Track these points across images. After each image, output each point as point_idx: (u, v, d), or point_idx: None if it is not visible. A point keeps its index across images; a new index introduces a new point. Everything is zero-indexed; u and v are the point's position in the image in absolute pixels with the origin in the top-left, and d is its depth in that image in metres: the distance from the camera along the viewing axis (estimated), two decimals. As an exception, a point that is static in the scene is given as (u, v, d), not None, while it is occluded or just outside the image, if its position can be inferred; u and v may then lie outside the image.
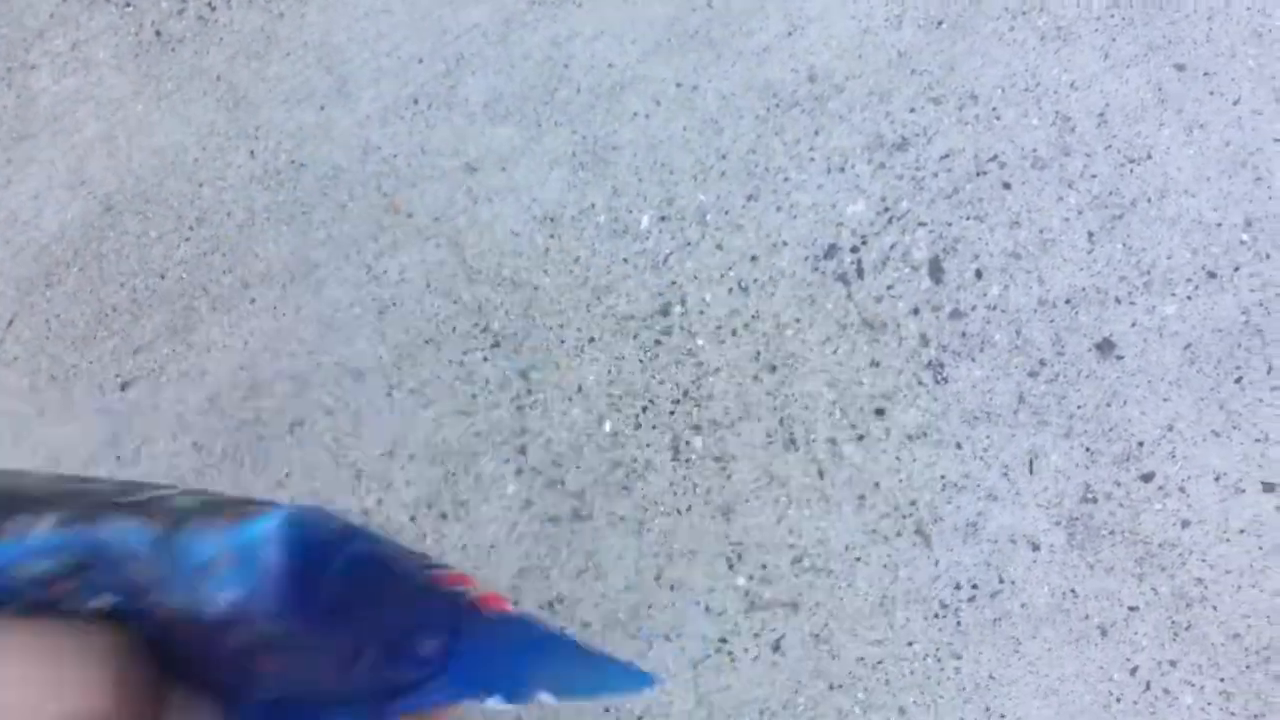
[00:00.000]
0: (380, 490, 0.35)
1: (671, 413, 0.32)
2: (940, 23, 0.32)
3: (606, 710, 0.31)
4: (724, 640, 0.30)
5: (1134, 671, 0.29)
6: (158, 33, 0.43)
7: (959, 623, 0.29)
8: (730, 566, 0.31)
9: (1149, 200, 0.29)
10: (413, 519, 0.33)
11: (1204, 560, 0.29)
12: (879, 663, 0.30)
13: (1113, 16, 0.31)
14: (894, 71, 0.32)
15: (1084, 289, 0.30)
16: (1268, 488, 0.28)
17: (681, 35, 0.33)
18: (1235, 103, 0.30)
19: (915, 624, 0.30)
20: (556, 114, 0.34)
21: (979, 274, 0.31)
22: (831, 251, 0.31)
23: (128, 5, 0.46)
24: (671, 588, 0.31)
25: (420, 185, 0.35)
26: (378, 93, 0.37)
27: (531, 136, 0.34)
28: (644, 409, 0.32)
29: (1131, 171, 0.30)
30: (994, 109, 0.32)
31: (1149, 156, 0.30)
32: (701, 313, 0.32)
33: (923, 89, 0.32)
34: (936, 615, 0.30)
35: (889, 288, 0.31)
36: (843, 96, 0.32)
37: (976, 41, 0.32)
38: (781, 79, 0.33)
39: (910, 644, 0.30)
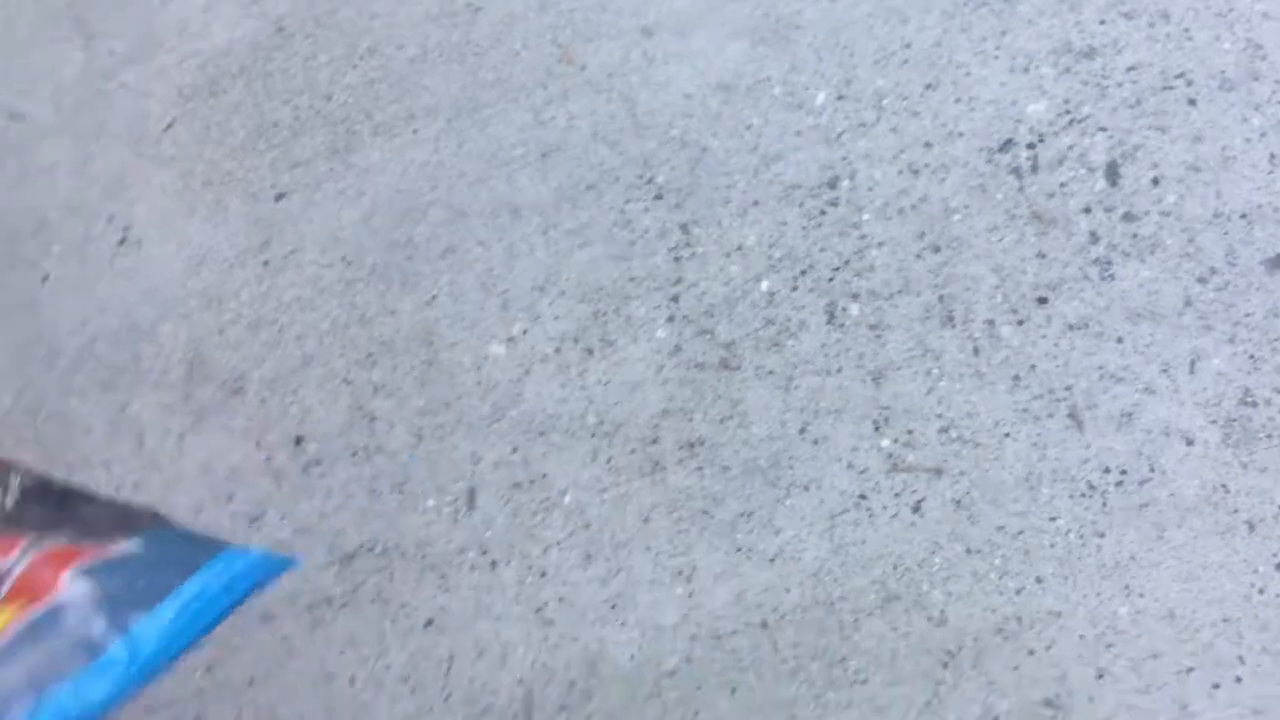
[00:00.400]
0: (527, 321, 0.37)
1: (830, 279, 0.34)
2: (1136, -56, 0.35)
3: (738, 549, 0.33)
4: (863, 497, 0.32)
5: (1279, 567, 0.30)
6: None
7: (1105, 504, 0.31)
8: (876, 429, 0.33)
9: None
10: (557, 351, 0.35)
11: None
12: (1019, 533, 0.32)
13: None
14: (1086, -15, 0.35)
15: (1260, 206, 0.33)
16: None
17: (876, -70, 0.36)
18: None
19: (1060, 501, 0.31)
20: (743, -10, 0.37)
21: (1155, 181, 0.33)
22: (1007, 146, 0.34)
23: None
24: (815, 442, 0.33)
25: (596, 41, 0.38)
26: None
27: (713, 6, 0.37)
28: (802, 273, 0.34)
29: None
30: (1185, 29, 0.34)
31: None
32: (870, 190, 0.35)
33: (1114, 2, 0.35)
34: (1083, 495, 0.31)
35: (1062, 185, 0.34)
36: (1032, 2, 0.35)
37: (1171, -36, 0.34)
38: (972, -20, 0.36)
39: (1053, 519, 0.31)
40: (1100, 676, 0.30)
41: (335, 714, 0.34)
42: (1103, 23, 0.34)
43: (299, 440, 0.36)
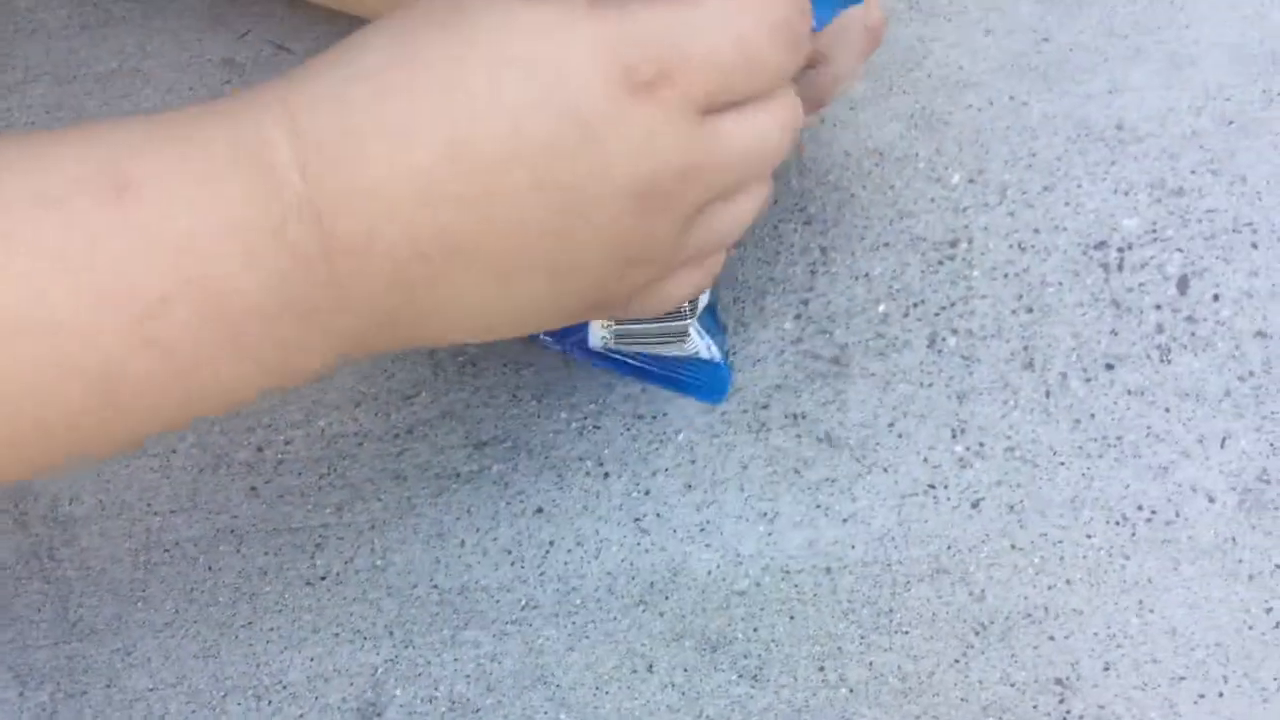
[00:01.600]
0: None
1: (936, 314, 0.49)
2: (1231, 122, 0.52)
3: (818, 506, 0.46)
4: (931, 486, 0.45)
5: (1269, 612, 0.43)
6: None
7: (1134, 533, 0.44)
8: (953, 436, 0.46)
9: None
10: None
11: None
12: (1059, 542, 0.44)
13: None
14: (1185, 142, 0.51)
15: None
16: None
17: (1023, 65, 0.54)
18: None
19: (1097, 524, 0.44)
20: (906, 85, 0.54)
21: (1216, 298, 0.48)
22: (1101, 245, 0.49)
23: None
24: (899, 436, 0.46)
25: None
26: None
27: (881, 94, 0.54)
28: (914, 305, 0.49)
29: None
30: (1258, 191, 0.50)
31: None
32: (982, 254, 0.50)
33: (1205, 161, 0.51)
34: (1117, 523, 0.44)
35: (1140, 284, 0.49)
36: (1140, 145, 0.52)
37: (1259, 142, 0.51)
38: (1094, 119, 0.52)
39: (1089, 536, 0.44)
40: (1106, 669, 0.42)
41: (441, 567, 0.46)
42: (1193, 173, 0.50)
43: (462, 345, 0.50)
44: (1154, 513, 0.43)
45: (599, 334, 0.37)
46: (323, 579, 0.44)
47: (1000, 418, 0.44)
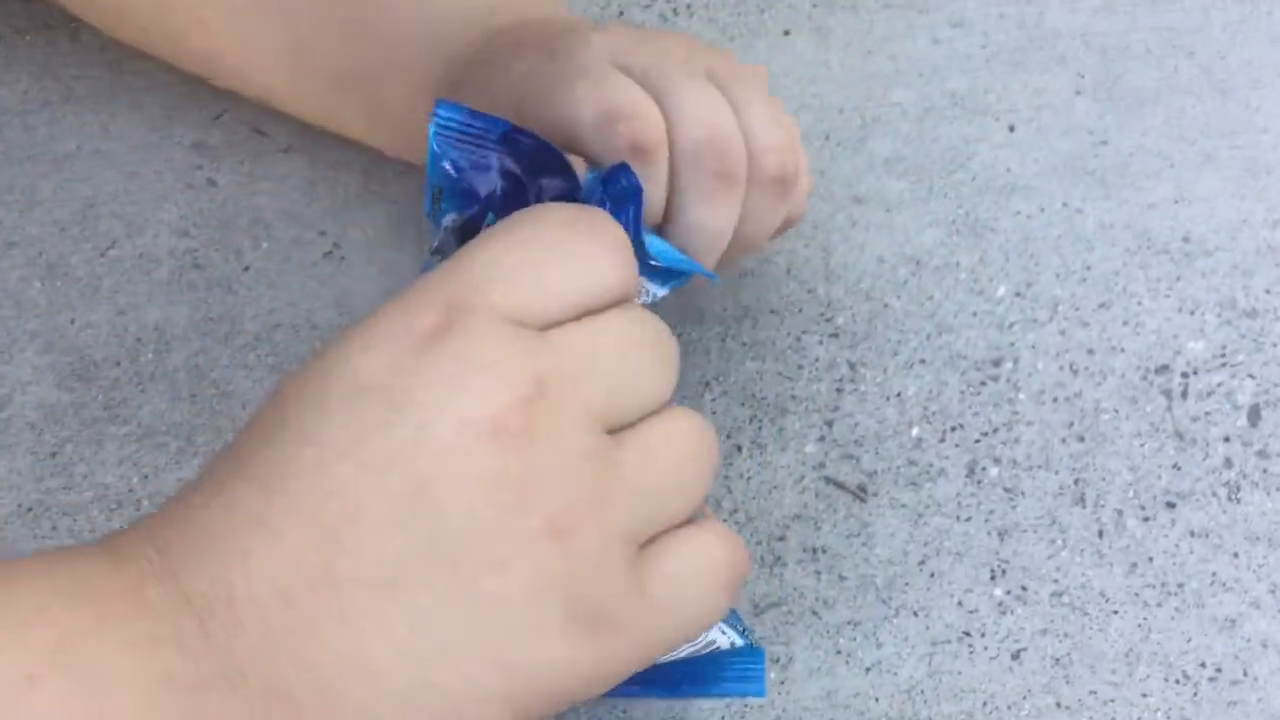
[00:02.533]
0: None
1: (977, 441, 0.52)
2: (1311, 236, 0.56)
3: (838, 652, 0.48)
4: (968, 634, 0.48)
5: None
6: None
7: (1195, 693, 0.46)
8: (992, 578, 0.49)
9: None
10: None
11: None
12: (1110, 701, 0.47)
13: None
14: (1260, 258, 0.55)
15: None
16: None
17: (1079, 169, 0.58)
18: None
19: (1154, 681, 0.47)
20: (948, 188, 0.58)
21: (1292, 430, 0.51)
22: (1163, 370, 0.53)
23: None
24: (931, 575, 0.49)
25: (811, 199, 0.59)
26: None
27: (920, 197, 0.58)
28: (953, 429, 0.52)
29: None
30: (1341, 314, 0.54)
31: None
32: (1030, 375, 0.53)
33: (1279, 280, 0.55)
34: (1177, 681, 0.46)
35: (1206, 413, 0.52)
36: (1209, 260, 0.55)
37: (1339, 258, 0.54)
38: (1158, 230, 0.56)
39: (1145, 695, 0.46)
40: None
41: None
42: (1268, 292, 0.54)
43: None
44: (1219, 670, 0.45)
45: None
46: None
47: (1046, 558, 0.47)
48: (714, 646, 0.41)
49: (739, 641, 0.42)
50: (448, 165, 0.31)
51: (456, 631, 0.24)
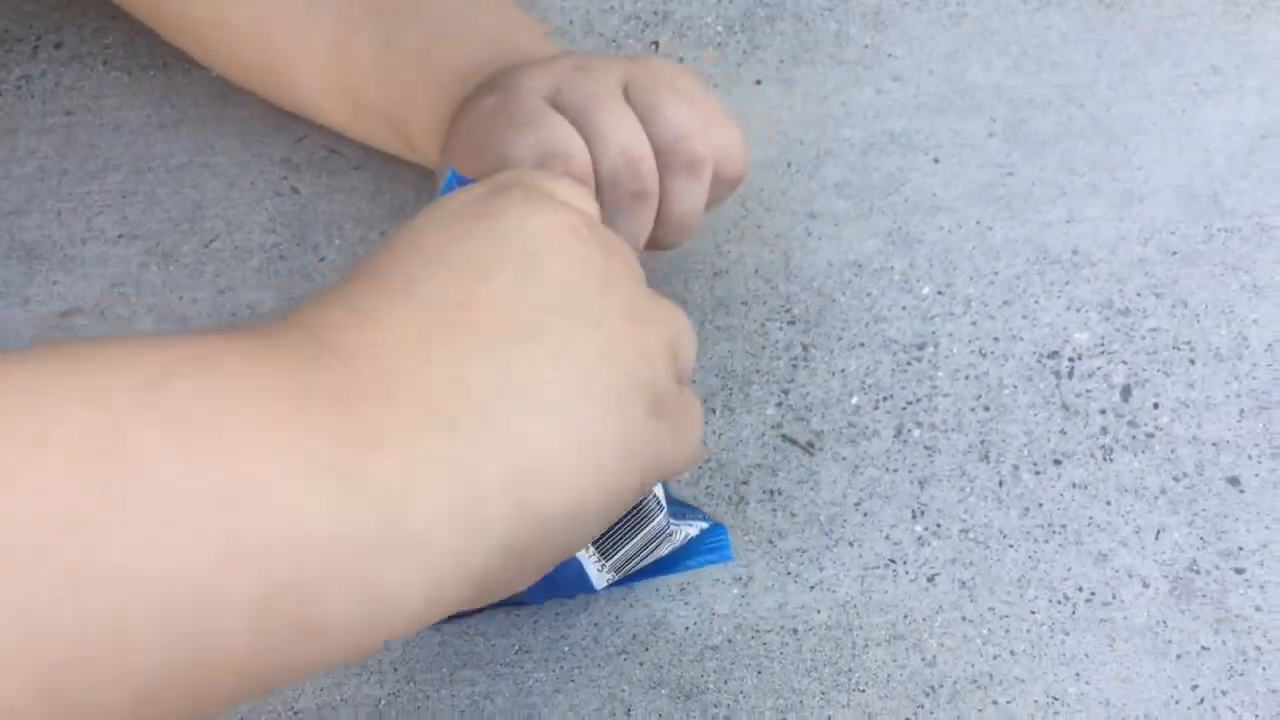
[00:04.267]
0: None
1: (903, 408, 0.52)
2: (1175, 252, 0.56)
3: (788, 573, 0.49)
4: (892, 561, 0.48)
5: (1194, 689, 0.45)
6: None
7: (1074, 612, 0.47)
8: (913, 517, 0.49)
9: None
10: None
11: (1265, 636, 0.46)
12: (1005, 616, 0.47)
13: None
14: (1133, 268, 0.56)
15: (1228, 441, 0.50)
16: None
17: (990, 195, 0.58)
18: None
19: (1040, 601, 0.47)
20: (885, 207, 0.58)
21: (1155, 405, 0.52)
22: (1054, 355, 0.53)
23: None
24: (864, 514, 0.50)
25: (773, 212, 0.59)
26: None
27: (863, 214, 0.58)
28: (884, 399, 0.52)
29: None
30: (1196, 315, 0.54)
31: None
32: (946, 358, 0.54)
33: (1150, 286, 0.55)
34: (1059, 602, 0.47)
35: (1088, 390, 0.52)
36: (1093, 269, 0.56)
37: (1199, 270, 0.55)
38: (1052, 244, 0.56)
39: (1032, 612, 0.47)
40: (1044, 734, 0.44)
41: None
42: (1139, 295, 0.54)
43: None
44: (1093, 594, 0.46)
45: (601, 579, 0.39)
46: (337, 617, 0.47)
47: (957, 503, 0.48)
48: (687, 538, 0.40)
49: (704, 525, 0.40)
50: None
51: (585, 374, 0.24)
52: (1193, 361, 0.52)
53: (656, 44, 0.64)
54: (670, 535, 0.38)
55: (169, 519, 0.16)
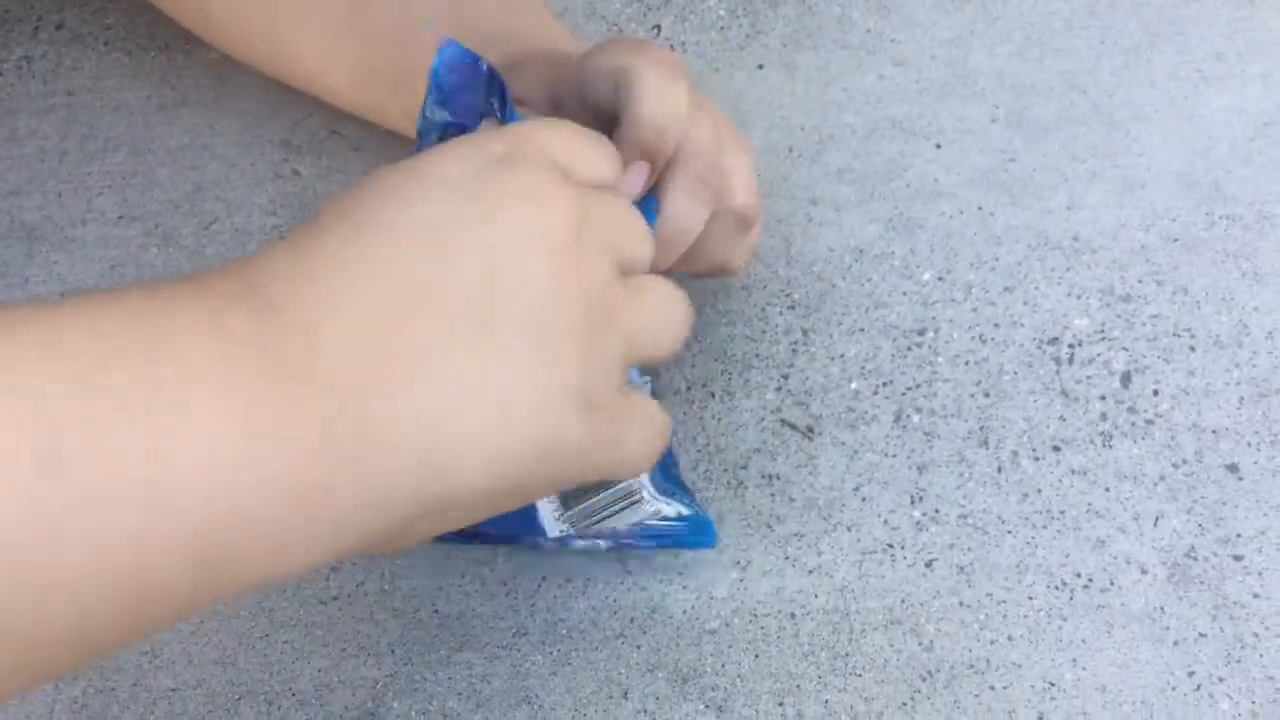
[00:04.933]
0: (669, 365, 0.55)
1: (903, 394, 0.52)
2: (1175, 239, 0.56)
3: (786, 558, 0.48)
4: (890, 546, 0.48)
5: (1190, 675, 0.45)
6: None
7: (1071, 598, 0.47)
8: (912, 502, 0.49)
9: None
10: (688, 389, 0.53)
11: (1263, 623, 0.46)
12: (1002, 602, 0.47)
13: None
14: (1134, 255, 0.55)
15: (1227, 429, 0.50)
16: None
17: (992, 181, 0.58)
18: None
19: (1038, 586, 0.47)
20: (887, 193, 0.58)
21: (1155, 392, 0.51)
22: (1054, 341, 0.53)
23: None
24: (863, 499, 0.49)
25: (774, 198, 0.59)
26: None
27: (864, 199, 0.58)
28: (884, 384, 0.52)
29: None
30: (1196, 301, 0.54)
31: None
32: (947, 343, 0.53)
33: (1151, 273, 0.55)
34: (1056, 587, 0.47)
35: (1088, 377, 0.52)
36: (1093, 255, 0.55)
37: (1199, 258, 0.55)
38: (1053, 231, 0.56)
39: (1030, 598, 0.47)
40: (1040, 719, 0.44)
41: (442, 594, 0.49)
42: (1140, 282, 0.54)
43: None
44: (1090, 580, 0.45)
45: (555, 526, 0.38)
46: (335, 599, 0.47)
47: (955, 488, 0.47)
48: (659, 514, 0.40)
49: (686, 510, 0.40)
50: (445, 87, 0.32)
51: (514, 370, 0.25)
52: (1193, 348, 0.52)
53: (658, 27, 0.63)
54: (639, 503, 0.38)
55: (105, 477, 0.19)
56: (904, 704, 0.44)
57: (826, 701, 0.44)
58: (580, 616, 0.46)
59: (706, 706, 0.44)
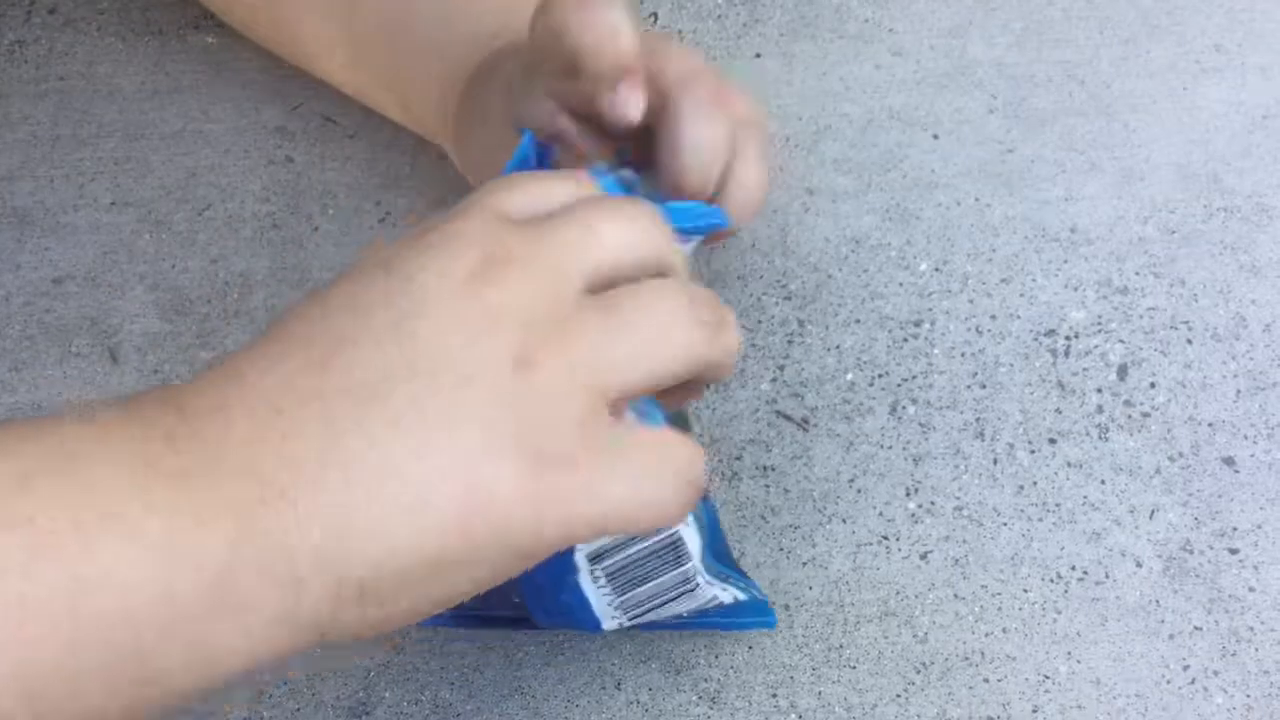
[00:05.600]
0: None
1: (899, 385, 0.51)
2: (1174, 231, 0.56)
3: (780, 549, 0.48)
4: (885, 537, 0.48)
5: (1185, 669, 0.44)
6: None
7: (1066, 590, 0.46)
8: (907, 494, 0.49)
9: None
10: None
11: (1258, 617, 0.46)
12: (997, 594, 0.46)
13: None
14: (1131, 247, 0.55)
15: (1224, 421, 0.50)
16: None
17: (989, 172, 0.57)
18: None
19: (1033, 579, 0.46)
20: (884, 184, 0.58)
21: (1152, 385, 0.51)
22: (1050, 333, 0.52)
23: None
24: (858, 491, 0.49)
25: (772, 189, 0.58)
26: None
27: (860, 190, 0.58)
28: (879, 375, 0.52)
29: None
30: (1194, 294, 0.53)
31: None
32: (943, 335, 0.53)
33: (1149, 265, 0.54)
34: (1051, 580, 0.46)
35: (1085, 369, 0.51)
36: (1090, 247, 0.55)
37: (1198, 250, 0.54)
38: (1050, 222, 0.56)
39: (1025, 591, 0.46)
40: (1035, 711, 0.44)
41: None
42: (1137, 274, 0.54)
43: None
44: (1085, 573, 0.45)
45: (611, 619, 0.35)
46: (327, 587, 0.46)
47: (951, 480, 0.47)
48: (716, 600, 0.37)
49: (742, 595, 0.38)
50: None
51: (427, 436, 0.23)
52: (1190, 341, 0.52)
53: (655, 15, 0.62)
54: (694, 591, 0.35)
55: (25, 607, 0.20)
56: (898, 696, 0.44)
57: (820, 693, 0.44)
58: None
59: (699, 698, 0.44)
